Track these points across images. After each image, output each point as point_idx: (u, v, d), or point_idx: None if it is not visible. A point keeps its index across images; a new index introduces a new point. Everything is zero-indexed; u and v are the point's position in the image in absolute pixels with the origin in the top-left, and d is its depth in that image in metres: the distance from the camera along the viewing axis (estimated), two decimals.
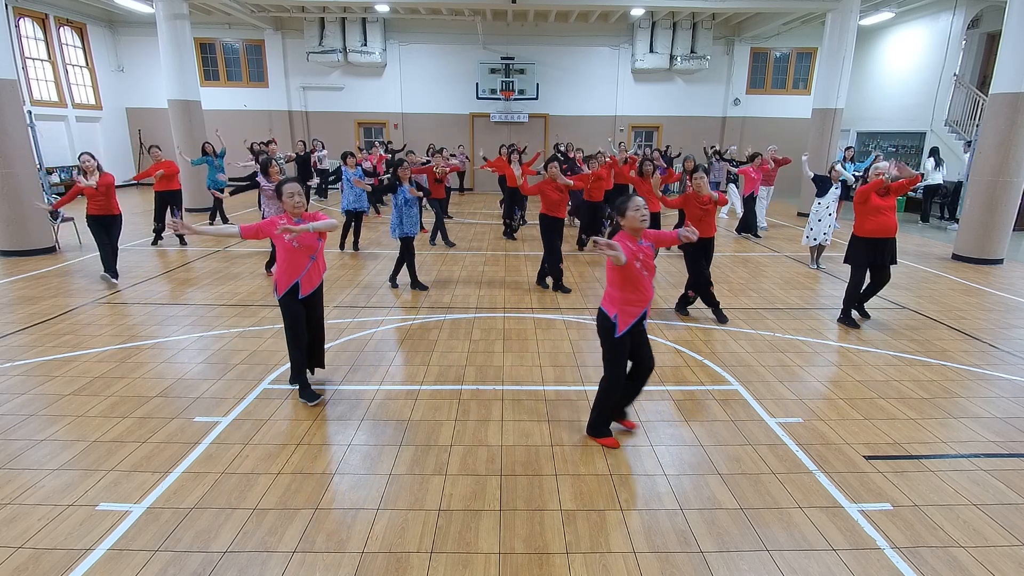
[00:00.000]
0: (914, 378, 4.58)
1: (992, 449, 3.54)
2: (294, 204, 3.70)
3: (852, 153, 11.95)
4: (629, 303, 3.28)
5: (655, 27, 16.56)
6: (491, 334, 5.43)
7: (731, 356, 4.96)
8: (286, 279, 3.78)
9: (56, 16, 14.73)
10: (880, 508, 2.93)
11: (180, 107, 12.48)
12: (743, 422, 3.82)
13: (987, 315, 6.23)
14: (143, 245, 9.24)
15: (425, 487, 3.06)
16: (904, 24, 15.07)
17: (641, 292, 3.29)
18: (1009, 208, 8.56)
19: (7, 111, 7.93)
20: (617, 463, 3.31)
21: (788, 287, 7.26)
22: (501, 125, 17.79)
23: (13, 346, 4.97)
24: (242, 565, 2.49)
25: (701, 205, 5.75)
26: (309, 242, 3.74)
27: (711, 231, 5.83)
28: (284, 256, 3.74)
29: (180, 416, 3.79)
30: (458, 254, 8.96)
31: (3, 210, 8.08)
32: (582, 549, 2.62)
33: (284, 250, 3.72)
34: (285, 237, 3.66)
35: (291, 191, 3.70)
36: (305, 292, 3.84)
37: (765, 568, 2.52)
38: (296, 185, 3.74)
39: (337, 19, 16.10)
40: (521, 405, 4.02)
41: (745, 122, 17.99)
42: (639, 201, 3.30)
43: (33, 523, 2.74)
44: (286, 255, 3.74)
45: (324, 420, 3.77)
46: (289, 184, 3.73)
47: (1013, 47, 8.12)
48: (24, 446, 3.41)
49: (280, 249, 3.74)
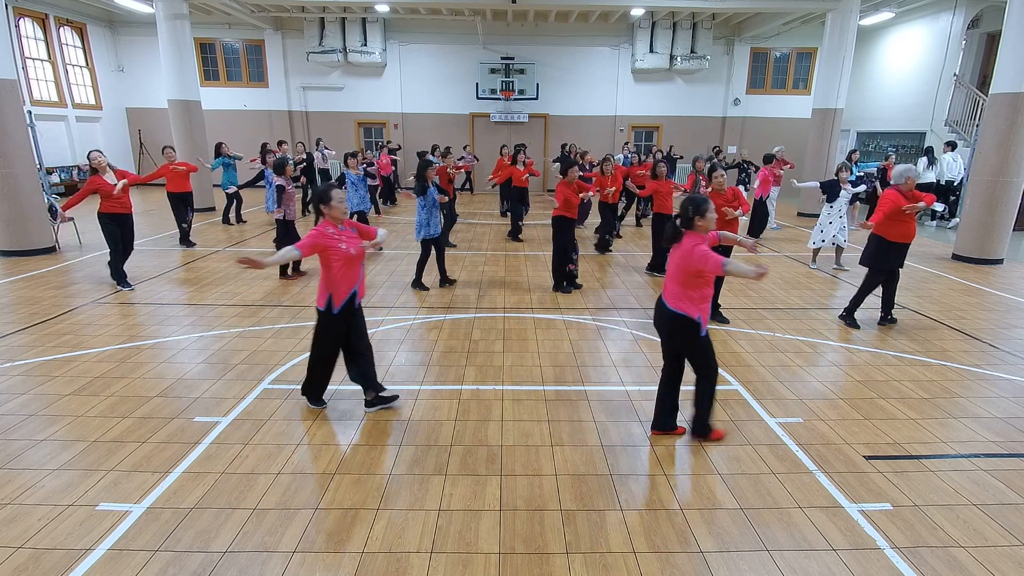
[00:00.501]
0: (914, 378, 4.58)
1: (992, 449, 3.54)
2: (343, 211, 3.58)
3: (857, 157, 11.67)
4: (704, 299, 3.33)
5: (655, 27, 16.55)
6: (491, 334, 5.43)
7: (731, 356, 4.96)
8: (345, 288, 3.57)
9: (56, 16, 14.72)
10: (880, 508, 2.93)
11: (180, 107, 12.47)
12: (743, 422, 3.81)
13: (987, 315, 6.23)
14: (143, 245, 9.23)
15: (425, 487, 3.06)
16: (904, 24, 15.07)
17: (710, 287, 3.35)
18: (1009, 208, 8.56)
19: (7, 111, 7.93)
20: (617, 463, 3.31)
21: (788, 287, 7.26)
22: (501, 125, 17.79)
23: (13, 346, 4.97)
24: (242, 565, 2.49)
25: (725, 202, 5.64)
26: (361, 249, 3.68)
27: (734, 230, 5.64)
28: (341, 266, 3.53)
29: (180, 416, 3.79)
30: (458, 254, 8.96)
31: (3, 210, 8.07)
32: (582, 549, 2.62)
33: (341, 260, 3.52)
34: (364, 245, 3.63)
35: (340, 197, 3.57)
36: (360, 297, 3.73)
37: (765, 568, 2.52)
38: (342, 192, 3.62)
39: (337, 19, 16.09)
40: (521, 405, 4.02)
41: (745, 122, 17.99)
42: (712, 204, 3.32)
43: (33, 523, 2.74)
44: (343, 264, 3.53)
45: (324, 420, 3.77)
46: (337, 191, 3.58)
47: (1013, 47, 8.12)
48: (24, 446, 3.41)
49: (336, 260, 3.51)
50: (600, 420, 3.82)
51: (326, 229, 3.52)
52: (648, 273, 7.91)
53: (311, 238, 3.48)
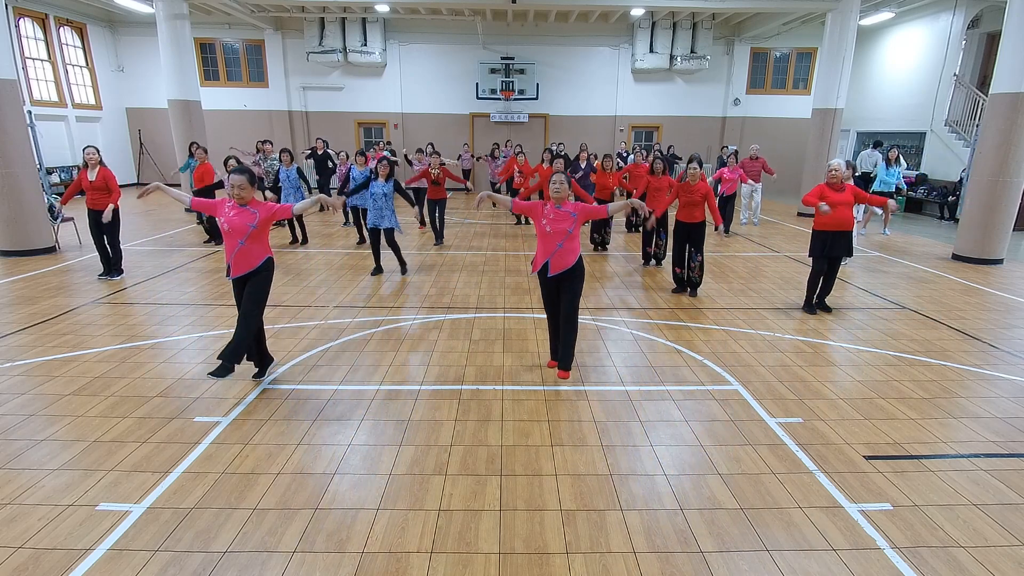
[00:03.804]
0: (914, 378, 4.58)
1: (992, 449, 3.54)
2: (234, 193, 3.95)
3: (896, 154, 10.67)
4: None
5: (655, 27, 16.56)
6: (491, 334, 5.43)
7: (731, 356, 4.96)
8: (226, 256, 4.04)
9: (56, 16, 14.73)
10: (880, 508, 2.93)
11: (180, 107, 12.48)
12: (743, 422, 3.81)
13: (987, 315, 6.23)
14: (143, 245, 9.24)
15: (425, 487, 3.06)
16: (904, 24, 15.07)
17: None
18: (1009, 208, 8.56)
19: (7, 111, 7.93)
20: (617, 463, 3.31)
21: (788, 287, 7.26)
22: (501, 125, 17.79)
23: (13, 346, 4.97)
24: (242, 565, 2.49)
25: (686, 192, 6.53)
26: (239, 226, 3.93)
27: (695, 218, 6.53)
28: (225, 236, 4.00)
29: (180, 416, 3.79)
30: (458, 254, 8.96)
31: (3, 210, 8.08)
32: (582, 549, 2.62)
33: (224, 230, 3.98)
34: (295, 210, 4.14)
35: (233, 182, 3.94)
36: (235, 273, 4.05)
37: (765, 568, 2.52)
38: (240, 178, 3.93)
39: (337, 19, 16.10)
40: (521, 405, 4.02)
41: (745, 122, 18.00)
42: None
43: (33, 523, 2.74)
44: (225, 235, 3.99)
45: (324, 420, 3.77)
46: (235, 176, 3.95)
47: (1013, 47, 8.12)
48: (24, 446, 3.41)
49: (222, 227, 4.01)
50: (600, 420, 3.82)
51: (227, 202, 4.01)
52: (644, 267, 8.15)
53: (211, 200, 4.25)
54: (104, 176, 6.76)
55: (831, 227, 5.88)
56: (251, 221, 3.91)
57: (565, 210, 4.19)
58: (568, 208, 4.20)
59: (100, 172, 6.76)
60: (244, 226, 3.90)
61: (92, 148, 6.85)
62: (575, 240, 4.23)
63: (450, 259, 8.60)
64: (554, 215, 4.19)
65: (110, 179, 6.81)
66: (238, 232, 3.91)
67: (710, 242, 10.03)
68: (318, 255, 8.74)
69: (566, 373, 4.43)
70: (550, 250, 4.22)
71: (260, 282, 4.04)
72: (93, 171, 6.76)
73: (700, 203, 6.49)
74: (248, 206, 3.95)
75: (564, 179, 4.21)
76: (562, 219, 4.17)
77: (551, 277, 4.29)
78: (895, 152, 10.58)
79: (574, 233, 4.21)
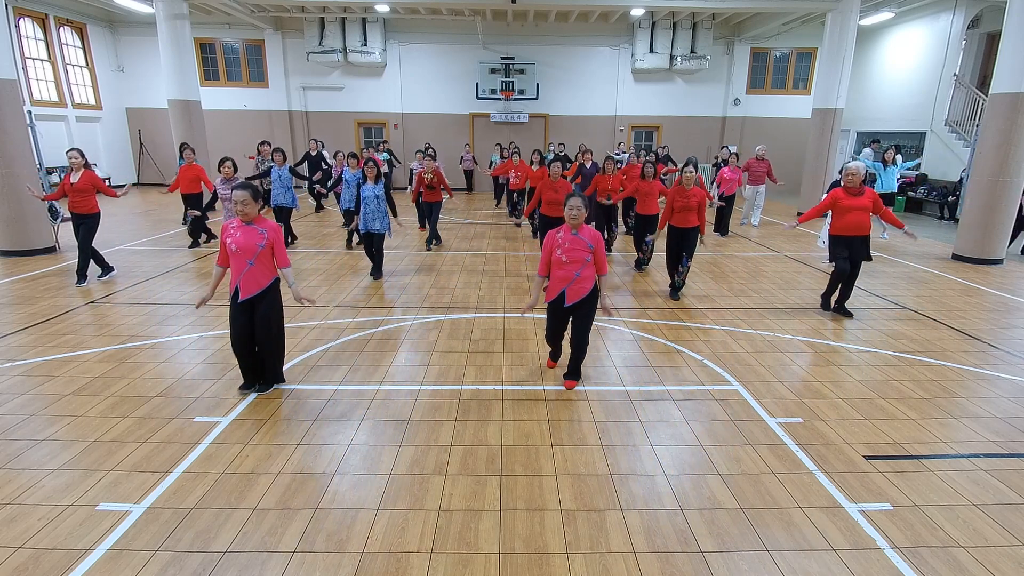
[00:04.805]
0: (914, 378, 4.58)
1: (992, 449, 3.54)
2: (238, 210, 3.78)
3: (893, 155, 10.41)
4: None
5: (655, 27, 16.55)
6: (491, 334, 5.43)
7: (731, 356, 4.96)
8: (234, 278, 3.89)
9: (56, 16, 14.72)
10: (880, 508, 2.93)
11: (180, 107, 12.47)
12: (743, 422, 3.82)
13: (987, 315, 6.23)
14: (143, 245, 9.23)
15: (425, 487, 3.06)
16: (904, 24, 15.06)
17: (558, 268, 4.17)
18: (1009, 208, 8.56)
19: (7, 111, 7.93)
20: (617, 463, 3.31)
21: (788, 287, 7.26)
22: (501, 125, 17.78)
23: (13, 346, 4.97)
24: (242, 565, 2.49)
25: (681, 197, 6.43)
26: (247, 246, 3.81)
27: (689, 223, 6.47)
28: (232, 257, 3.86)
29: (180, 416, 3.79)
30: (458, 254, 8.96)
31: (3, 210, 8.07)
32: (582, 549, 2.62)
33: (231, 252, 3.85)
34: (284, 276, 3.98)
35: (237, 198, 3.76)
36: (244, 295, 3.88)
37: (765, 568, 2.52)
38: (243, 193, 3.76)
39: (337, 19, 16.09)
40: (521, 405, 4.02)
41: (745, 122, 17.99)
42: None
43: (33, 523, 2.74)
44: (232, 256, 3.86)
45: (324, 420, 3.77)
46: (237, 192, 3.77)
47: (1013, 47, 8.12)
48: (24, 446, 3.41)
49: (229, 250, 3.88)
50: (600, 420, 3.82)
51: (231, 222, 3.86)
52: (637, 271, 8.14)
53: (222, 242, 3.88)
54: (89, 179, 6.76)
55: (850, 232, 5.80)
56: (259, 241, 3.81)
57: (582, 239, 3.98)
58: (586, 237, 3.99)
59: (84, 175, 6.75)
60: (253, 245, 3.80)
61: (76, 151, 6.81)
62: (591, 267, 4.05)
63: (450, 259, 8.60)
64: (570, 243, 3.97)
65: (96, 181, 6.81)
66: (247, 252, 3.79)
67: (710, 242, 10.04)
68: (317, 255, 8.75)
69: (574, 382, 4.35)
70: (567, 279, 4.02)
71: (271, 303, 3.92)
72: (76, 174, 6.74)
73: (695, 208, 6.41)
74: (254, 224, 3.83)
75: (582, 204, 3.95)
76: (579, 248, 3.97)
77: (568, 307, 4.11)
78: (891, 153, 10.55)
79: (591, 260, 4.03)
